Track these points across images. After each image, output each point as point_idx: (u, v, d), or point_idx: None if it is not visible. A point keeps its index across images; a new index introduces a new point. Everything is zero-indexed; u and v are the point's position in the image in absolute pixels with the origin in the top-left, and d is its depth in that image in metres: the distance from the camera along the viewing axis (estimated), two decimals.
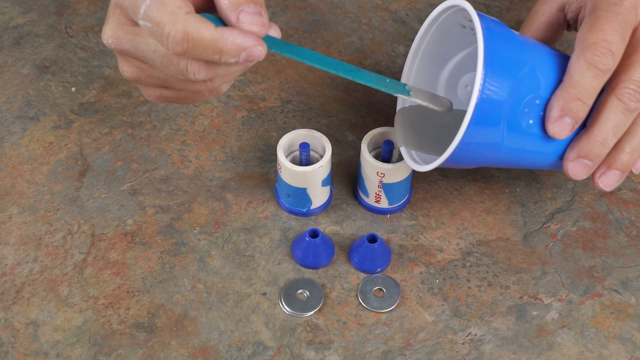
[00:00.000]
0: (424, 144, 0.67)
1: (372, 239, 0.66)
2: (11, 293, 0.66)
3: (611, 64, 0.60)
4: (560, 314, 0.65)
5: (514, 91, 0.60)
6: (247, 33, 0.56)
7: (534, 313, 0.65)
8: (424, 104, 0.63)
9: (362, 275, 0.67)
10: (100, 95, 0.77)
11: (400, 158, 0.68)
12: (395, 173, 0.67)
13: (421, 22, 0.82)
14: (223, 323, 0.65)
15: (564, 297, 0.66)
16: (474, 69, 0.68)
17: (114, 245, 0.68)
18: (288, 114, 0.76)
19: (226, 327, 0.65)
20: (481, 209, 0.71)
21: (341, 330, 0.65)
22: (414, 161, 0.65)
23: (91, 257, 0.68)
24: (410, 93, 0.63)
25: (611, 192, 0.72)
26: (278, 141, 0.69)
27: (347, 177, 0.73)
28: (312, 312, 0.65)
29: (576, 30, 0.66)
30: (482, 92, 0.59)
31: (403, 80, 0.69)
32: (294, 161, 0.69)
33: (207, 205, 0.71)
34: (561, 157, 0.64)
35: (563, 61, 0.62)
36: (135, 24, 0.58)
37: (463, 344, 0.64)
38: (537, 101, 0.61)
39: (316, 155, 0.70)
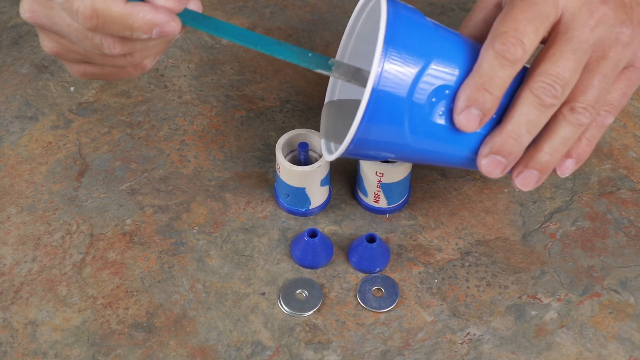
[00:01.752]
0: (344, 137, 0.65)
1: (371, 238, 0.66)
2: (10, 293, 0.66)
3: (520, 54, 0.57)
4: (559, 314, 0.65)
5: (418, 80, 0.57)
6: (160, 8, 0.55)
7: (533, 313, 0.65)
8: (346, 79, 0.61)
9: (361, 275, 0.67)
10: (99, 95, 0.77)
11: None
12: (394, 173, 0.67)
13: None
14: (222, 323, 0.65)
15: (562, 296, 0.66)
16: None
17: (113, 245, 0.68)
18: (287, 113, 0.76)
19: (225, 327, 0.65)
20: (480, 208, 0.71)
21: (340, 330, 0.65)
22: (329, 152, 0.63)
23: (90, 257, 0.68)
24: (333, 68, 0.60)
25: (610, 192, 0.72)
26: (277, 141, 0.69)
27: (345, 177, 0.73)
28: (311, 312, 0.65)
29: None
30: (378, 81, 0.56)
31: (330, 83, 0.66)
32: (292, 161, 0.69)
33: (206, 205, 0.71)
34: (474, 153, 0.61)
35: (469, 47, 0.60)
36: None
37: (462, 343, 0.64)
38: (447, 91, 0.58)
39: (315, 155, 0.70)
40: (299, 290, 0.66)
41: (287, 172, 0.67)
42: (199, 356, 0.63)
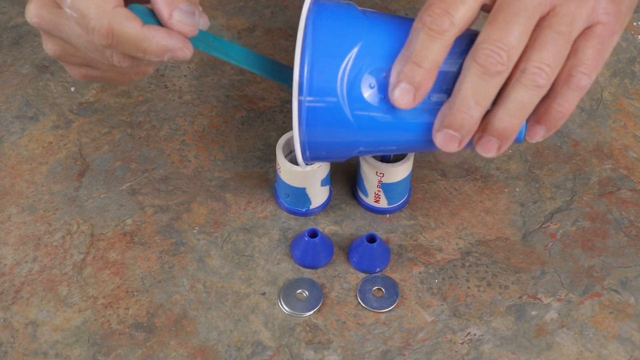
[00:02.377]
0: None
1: (371, 238, 0.66)
2: (10, 293, 0.66)
3: (447, 25, 0.55)
4: (559, 314, 0.65)
5: (347, 68, 0.57)
6: (174, 34, 0.56)
7: (533, 313, 0.65)
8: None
9: (361, 275, 0.67)
10: (100, 95, 0.77)
11: (398, 158, 0.68)
12: (395, 173, 0.67)
13: None
14: (222, 323, 0.65)
15: (563, 297, 0.66)
16: None
17: (113, 245, 0.68)
18: (287, 113, 0.76)
19: (225, 327, 0.65)
20: (480, 208, 0.71)
21: (340, 330, 0.65)
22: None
23: (90, 257, 0.68)
24: None
25: (610, 192, 0.72)
26: (277, 141, 0.69)
27: (346, 177, 0.73)
28: (311, 312, 0.65)
29: (488, 12, 0.60)
30: (306, 93, 0.57)
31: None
32: (293, 161, 0.69)
33: (207, 205, 0.71)
34: (427, 133, 0.60)
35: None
36: (60, 6, 0.57)
37: (462, 343, 0.64)
38: (384, 74, 0.57)
39: None
40: (299, 290, 0.66)
41: (288, 172, 0.67)
42: (199, 356, 0.63)
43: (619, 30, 0.58)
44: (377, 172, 0.67)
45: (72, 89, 0.78)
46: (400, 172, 0.67)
